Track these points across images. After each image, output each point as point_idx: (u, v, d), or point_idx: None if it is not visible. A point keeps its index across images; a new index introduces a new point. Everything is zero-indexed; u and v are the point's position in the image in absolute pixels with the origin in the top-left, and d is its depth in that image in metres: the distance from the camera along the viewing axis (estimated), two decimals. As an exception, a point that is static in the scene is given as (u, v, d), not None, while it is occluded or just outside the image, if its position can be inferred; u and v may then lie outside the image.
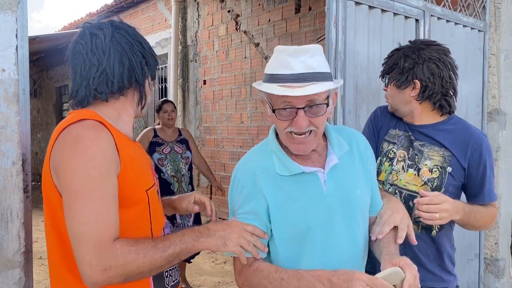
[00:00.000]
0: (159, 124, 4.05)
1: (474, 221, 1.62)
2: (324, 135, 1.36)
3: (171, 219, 3.69)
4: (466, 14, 3.00)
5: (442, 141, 1.71)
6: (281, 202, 1.27)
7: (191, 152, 4.04)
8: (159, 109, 4.01)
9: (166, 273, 1.29)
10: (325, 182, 1.28)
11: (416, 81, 1.68)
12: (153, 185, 1.28)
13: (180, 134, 4.09)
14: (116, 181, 1.12)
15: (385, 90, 1.81)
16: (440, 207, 1.47)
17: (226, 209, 5.99)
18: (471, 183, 1.71)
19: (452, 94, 1.74)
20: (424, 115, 1.74)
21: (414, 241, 1.38)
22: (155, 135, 3.94)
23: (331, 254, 1.28)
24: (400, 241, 1.33)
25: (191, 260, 3.98)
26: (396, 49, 1.80)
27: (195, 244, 1.17)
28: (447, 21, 2.81)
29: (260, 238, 1.26)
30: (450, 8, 2.85)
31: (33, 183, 11.34)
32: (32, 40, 7.58)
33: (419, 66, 1.67)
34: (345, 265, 1.21)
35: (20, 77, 1.40)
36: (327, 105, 1.23)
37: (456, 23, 2.88)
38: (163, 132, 3.98)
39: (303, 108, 1.20)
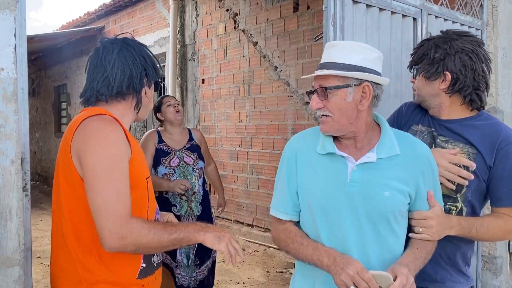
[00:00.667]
0: (161, 126, 3.16)
1: (477, 235, 1.54)
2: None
3: None
4: (464, 13, 3.01)
5: (469, 137, 1.62)
6: (310, 176, 1.41)
7: (204, 161, 3.13)
8: (159, 105, 3.09)
9: None
10: (351, 172, 1.36)
11: (447, 73, 1.61)
12: (149, 176, 1.53)
13: (190, 138, 3.15)
14: (128, 166, 1.33)
15: (412, 82, 1.75)
16: (422, 223, 1.42)
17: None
18: (497, 184, 1.59)
19: (484, 88, 1.65)
20: (452, 109, 1.67)
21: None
22: (160, 140, 3.02)
23: (339, 240, 1.37)
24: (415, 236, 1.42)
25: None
26: (427, 39, 1.73)
27: (195, 235, 1.37)
28: (445, 19, 2.81)
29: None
30: (447, 7, 2.85)
31: (32, 182, 11.29)
32: (30, 39, 7.57)
33: (450, 57, 1.60)
34: (351, 255, 1.32)
35: (18, 76, 1.40)
36: (326, 89, 1.34)
37: (453, 22, 2.88)
38: (169, 137, 3.06)
39: (316, 90, 1.36)
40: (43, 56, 10.50)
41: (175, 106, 3.06)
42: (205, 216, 3.01)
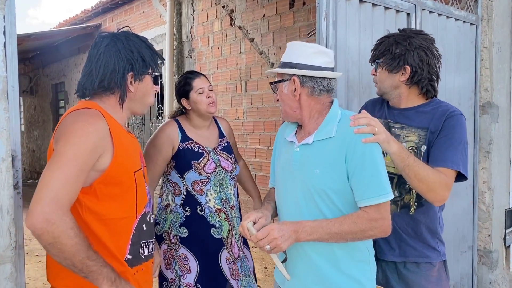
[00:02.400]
0: (176, 114, 2.35)
1: (413, 167, 1.61)
2: None
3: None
4: (458, 8, 3.01)
5: (421, 122, 1.81)
6: (277, 156, 1.73)
7: (238, 165, 2.40)
8: (187, 89, 2.25)
9: (142, 243, 1.53)
10: (293, 153, 1.59)
11: (407, 66, 1.80)
12: (140, 169, 1.54)
13: (221, 134, 2.39)
14: (95, 161, 1.34)
15: (374, 74, 1.90)
16: (377, 122, 1.52)
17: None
18: (433, 147, 1.75)
19: (436, 79, 1.88)
20: (409, 99, 1.87)
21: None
22: (185, 137, 2.22)
23: (284, 209, 1.63)
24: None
25: None
26: (386, 36, 1.91)
27: (102, 280, 1.29)
28: (439, 14, 2.81)
29: None
30: (441, 2, 2.86)
31: (31, 180, 11.24)
32: (27, 37, 7.56)
33: (410, 53, 1.80)
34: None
35: (9, 74, 1.40)
36: (271, 84, 1.63)
37: (448, 17, 2.88)
38: (196, 132, 2.27)
39: (270, 84, 1.65)
40: (40, 54, 10.48)
41: (209, 96, 2.26)
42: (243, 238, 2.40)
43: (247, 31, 5.59)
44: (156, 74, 1.57)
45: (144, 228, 1.53)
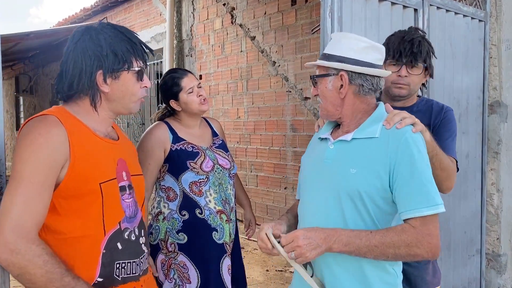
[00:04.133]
0: (165, 114, 2.23)
1: (440, 155, 1.61)
2: None
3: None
4: (466, 4, 2.92)
5: (421, 119, 1.76)
6: (306, 156, 1.60)
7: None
8: (176, 90, 2.12)
9: (117, 264, 1.32)
10: (326, 150, 1.46)
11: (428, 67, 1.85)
12: (113, 179, 1.33)
13: (214, 132, 2.29)
14: (57, 173, 1.21)
15: (405, 75, 1.80)
16: (412, 116, 1.43)
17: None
18: (436, 139, 1.68)
19: None
20: (412, 98, 1.89)
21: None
22: (177, 138, 2.11)
23: (307, 214, 1.48)
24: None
25: None
26: (410, 34, 1.83)
27: None
28: (447, 10, 2.73)
29: None
30: (449, -3, 2.77)
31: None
32: (26, 36, 7.48)
33: (430, 53, 1.83)
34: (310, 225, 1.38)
35: (-8, 72, 1.31)
36: (313, 77, 1.48)
37: (456, 13, 2.80)
38: (188, 131, 2.17)
39: (312, 77, 1.50)
40: (40, 53, 10.40)
41: (200, 95, 2.14)
42: (236, 242, 2.27)
43: (248, 29, 5.50)
44: (136, 69, 1.36)
45: (120, 247, 1.33)
